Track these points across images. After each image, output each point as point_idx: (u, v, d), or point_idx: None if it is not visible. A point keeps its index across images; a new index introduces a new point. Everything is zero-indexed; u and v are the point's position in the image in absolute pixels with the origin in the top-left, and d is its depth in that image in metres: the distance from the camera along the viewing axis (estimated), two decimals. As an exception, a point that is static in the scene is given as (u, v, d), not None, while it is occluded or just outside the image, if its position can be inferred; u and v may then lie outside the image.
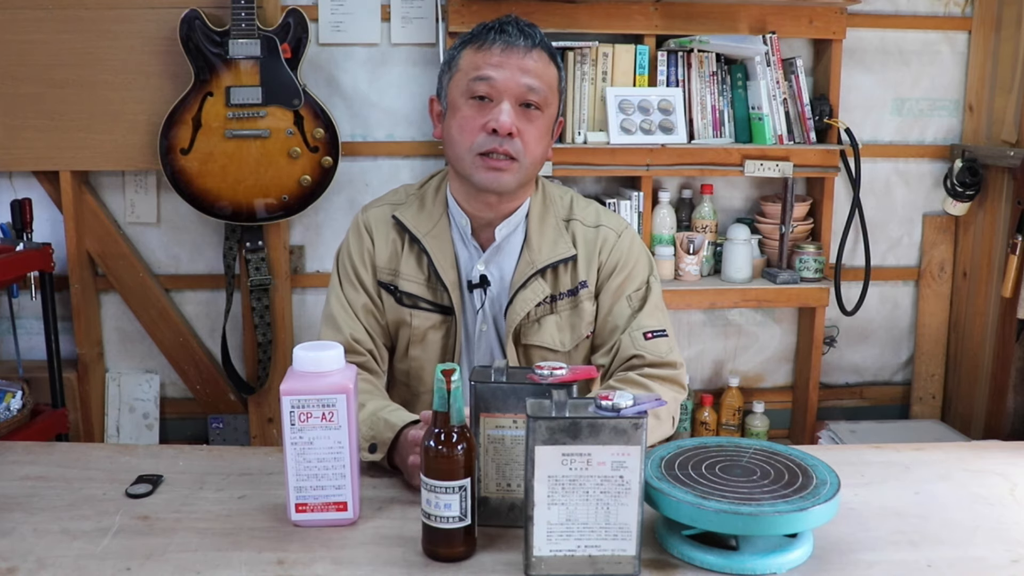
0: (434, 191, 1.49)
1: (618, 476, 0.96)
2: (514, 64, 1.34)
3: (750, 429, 2.70)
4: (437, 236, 1.44)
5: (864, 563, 1.02)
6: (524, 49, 1.34)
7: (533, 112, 1.36)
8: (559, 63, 1.41)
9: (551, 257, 1.43)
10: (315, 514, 1.10)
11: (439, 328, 1.46)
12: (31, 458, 1.32)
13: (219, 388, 2.67)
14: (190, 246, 2.63)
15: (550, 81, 1.38)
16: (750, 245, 2.57)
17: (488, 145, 1.34)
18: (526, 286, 1.42)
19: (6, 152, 2.44)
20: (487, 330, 1.47)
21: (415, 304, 1.45)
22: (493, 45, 1.35)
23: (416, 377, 1.49)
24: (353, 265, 1.47)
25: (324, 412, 1.07)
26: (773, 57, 2.45)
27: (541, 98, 1.35)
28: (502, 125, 1.32)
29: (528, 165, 1.37)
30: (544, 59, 1.37)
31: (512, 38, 1.34)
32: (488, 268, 1.45)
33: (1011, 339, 2.44)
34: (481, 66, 1.34)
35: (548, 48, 1.39)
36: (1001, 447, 1.46)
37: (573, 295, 1.45)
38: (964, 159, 2.60)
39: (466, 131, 1.35)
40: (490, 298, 1.45)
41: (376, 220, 1.49)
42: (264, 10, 2.40)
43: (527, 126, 1.35)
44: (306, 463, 1.08)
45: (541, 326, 1.44)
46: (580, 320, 1.46)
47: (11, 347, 2.56)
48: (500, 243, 1.44)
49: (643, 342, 1.42)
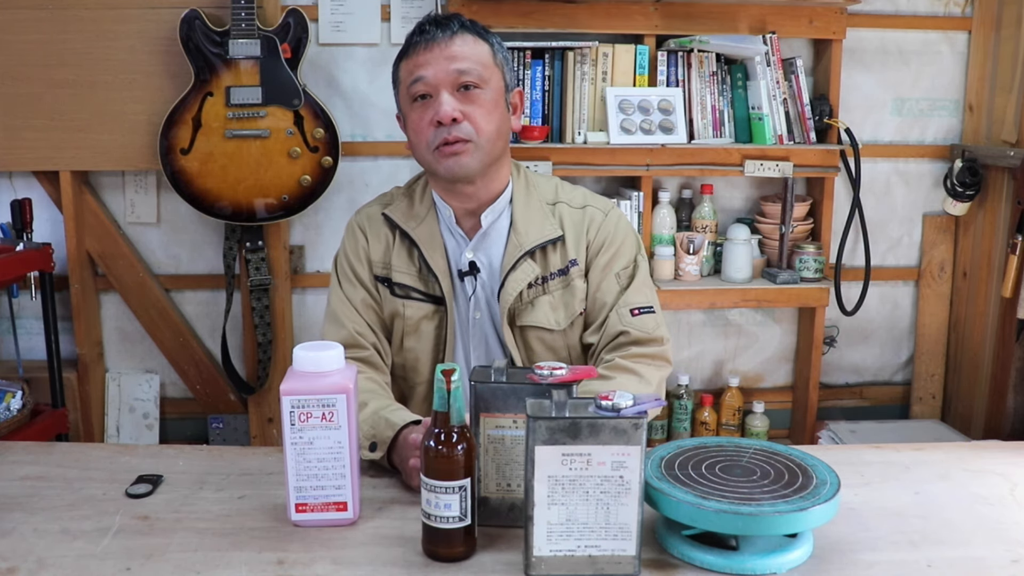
0: (422, 188, 1.53)
1: (618, 476, 0.96)
2: (439, 56, 1.39)
3: (750, 429, 2.70)
4: (425, 228, 1.48)
5: (864, 563, 1.02)
6: (445, 39, 1.40)
7: (473, 92, 1.40)
8: (489, 39, 1.45)
9: (539, 238, 1.46)
10: (315, 514, 1.10)
11: (432, 318, 1.49)
12: (31, 458, 1.32)
13: (219, 388, 2.67)
14: (190, 246, 2.63)
15: (480, 58, 1.41)
16: (750, 245, 2.57)
17: (439, 137, 1.39)
18: (516, 268, 1.45)
19: (6, 152, 2.44)
20: (481, 317, 1.49)
21: (407, 295, 1.49)
22: (417, 47, 1.41)
23: (412, 369, 1.52)
24: (350, 263, 1.52)
25: (324, 412, 1.07)
26: (773, 57, 2.45)
27: (476, 77, 1.40)
28: (443, 114, 1.37)
29: (485, 142, 1.40)
30: (469, 40, 1.41)
31: (430, 35, 1.40)
32: (477, 255, 1.48)
33: (1011, 339, 2.44)
34: (413, 70, 1.41)
35: (471, 28, 1.43)
36: (1001, 447, 1.46)
37: (564, 274, 1.48)
38: (964, 159, 2.60)
39: (419, 132, 1.42)
40: (481, 284, 1.49)
41: (368, 219, 1.53)
42: (264, 10, 2.40)
43: (471, 107, 1.39)
44: (306, 463, 1.09)
45: (535, 307, 1.47)
46: (573, 298, 1.49)
47: (11, 347, 2.56)
48: (487, 229, 1.48)
49: (630, 318, 1.46)
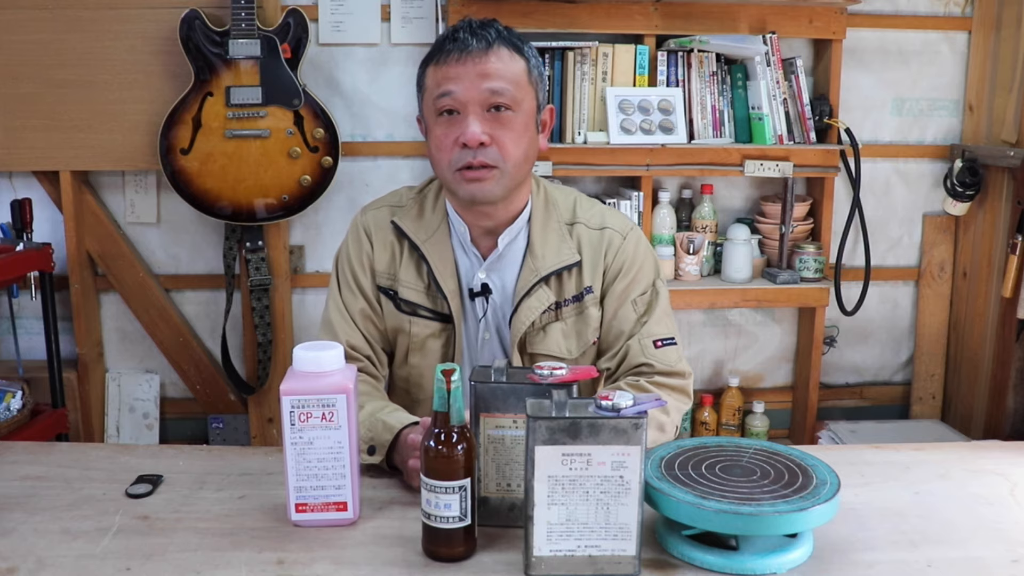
0: (434, 197, 1.46)
1: (618, 476, 0.96)
2: (472, 71, 1.29)
3: (750, 429, 2.70)
4: (436, 243, 1.41)
5: (864, 563, 1.02)
6: (480, 52, 1.30)
7: (504, 115, 1.31)
8: (526, 53, 1.35)
9: (555, 264, 1.40)
10: (315, 514, 1.10)
11: (439, 336, 1.44)
12: (31, 458, 1.32)
13: (219, 388, 2.67)
14: (190, 246, 2.63)
15: (515, 77, 1.32)
16: (750, 245, 2.57)
17: (463, 160, 1.31)
18: (530, 294, 1.39)
19: (6, 152, 2.44)
20: (490, 339, 1.44)
21: (414, 311, 1.43)
22: (449, 56, 1.31)
23: (416, 384, 1.48)
24: (352, 269, 1.45)
25: (324, 412, 1.07)
26: (773, 57, 2.45)
27: (508, 98, 1.31)
28: (470, 138, 1.29)
29: (511, 168, 1.33)
30: (505, 55, 1.31)
31: (465, 44, 1.30)
32: (489, 276, 1.42)
33: (1011, 339, 2.44)
34: (442, 82, 1.31)
35: (508, 41, 1.33)
36: (1001, 447, 1.46)
37: (578, 300, 1.43)
38: (964, 159, 2.59)
39: (442, 149, 1.33)
40: (492, 307, 1.43)
41: (375, 223, 1.46)
42: (264, 10, 2.40)
43: (500, 130, 1.31)
44: (306, 463, 1.08)
45: (547, 334, 1.42)
46: (586, 327, 1.44)
47: (11, 347, 2.56)
48: (502, 250, 1.42)
49: (653, 351, 1.40)
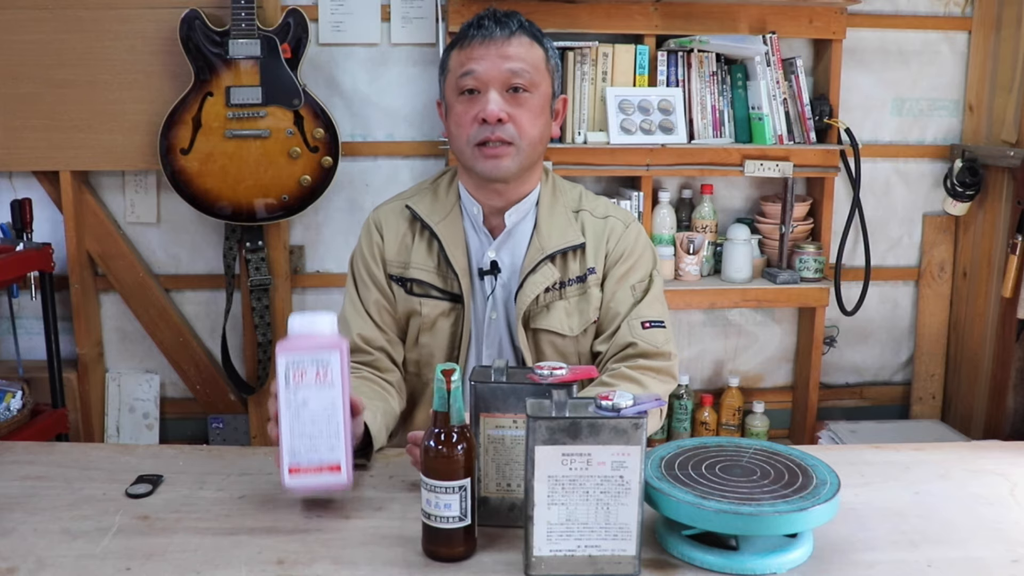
0: (447, 183, 1.54)
1: (618, 476, 0.96)
2: (494, 53, 1.39)
3: (750, 429, 2.70)
4: (449, 223, 1.48)
5: (864, 563, 1.02)
6: (503, 38, 1.40)
7: (522, 95, 1.40)
8: (545, 43, 1.45)
9: (561, 243, 1.46)
10: (309, 476, 1.10)
11: (448, 316, 1.49)
12: (31, 458, 1.32)
13: (219, 388, 2.67)
14: (190, 246, 2.63)
15: (534, 62, 1.42)
16: (750, 245, 2.57)
17: (482, 135, 1.39)
18: (536, 270, 1.45)
19: (6, 152, 2.44)
20: (497, 318, 1.49)
21: (425, 293, 1.48)
22: (473, 40, 1.41)
23: (426, 364, 1.52)
24: (365, 263, 1.52)
25: (319, 370, 1.08)
26: (773, 57, 2.45)
27: (527, 80, 1.40)
28: (489, 113, 1.37)
29: (526, 146, 1.41)
30: (525, 42, 1.41)
31: (489, 31, 1.40)
32: (499, 254, 1.49)
33: (1011, 339, 2.44)
34: (465, 62, 1.41)
35: (529, 31, 1.43)
36: (1001, 447, 1.46)
37: (582, 281, 1.48)
38: (964, 159, 2.59)
39: (461, 125, 1.42)
40: (500, 284, 1.49)
41: (387, 215, 1.53)
42: (264, 10, 2.40)
43: (518, 109, 1.40)
44: (300, 424, 1.09)
45: (550, 311, 1.47)
46: (588, 306, 1.49)
47: (11, 347, 2.56)
48: (511, 229, 1.48)
49: (640, 331, 1.46)
